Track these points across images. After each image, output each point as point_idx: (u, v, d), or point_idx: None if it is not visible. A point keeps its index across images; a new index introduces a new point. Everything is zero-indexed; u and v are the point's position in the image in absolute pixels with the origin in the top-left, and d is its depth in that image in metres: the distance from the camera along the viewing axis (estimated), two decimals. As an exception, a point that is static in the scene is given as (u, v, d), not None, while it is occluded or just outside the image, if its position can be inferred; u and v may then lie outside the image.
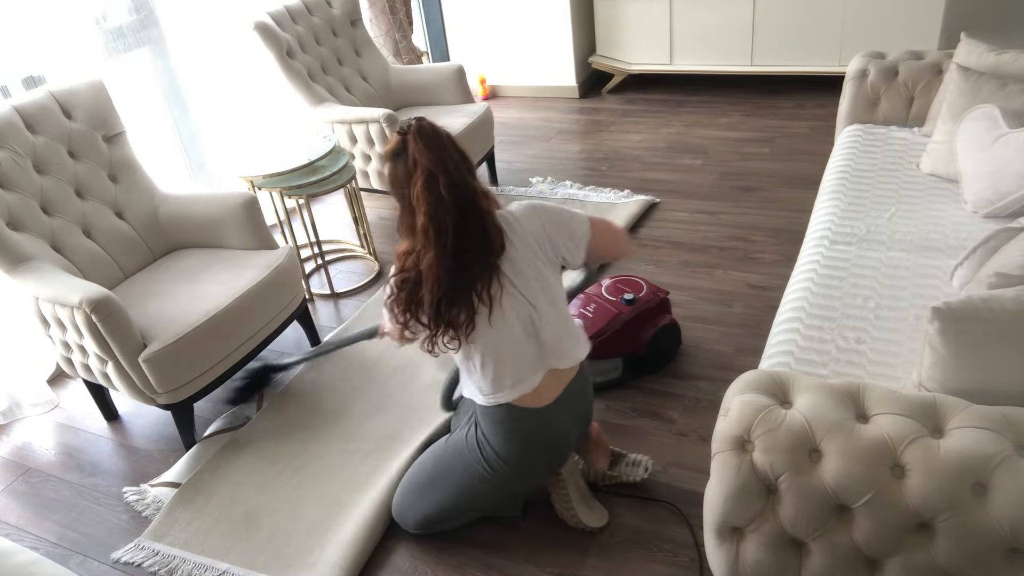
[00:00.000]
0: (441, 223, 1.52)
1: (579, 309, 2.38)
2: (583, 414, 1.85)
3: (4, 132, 2.34)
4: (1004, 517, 1.15)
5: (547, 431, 1.74)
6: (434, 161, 1.51)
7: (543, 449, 1.77)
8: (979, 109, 2.25)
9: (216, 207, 2.62)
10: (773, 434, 1.29)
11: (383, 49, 4.42)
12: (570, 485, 1.90)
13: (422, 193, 1.51)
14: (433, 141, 1.53)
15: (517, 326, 1.65)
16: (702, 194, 3.50)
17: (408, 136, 1.54)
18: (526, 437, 1.73)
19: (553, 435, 1.76)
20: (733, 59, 4.42)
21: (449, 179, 1.51)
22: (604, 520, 1.90)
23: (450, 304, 1.56)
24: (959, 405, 1.26)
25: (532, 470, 1.80)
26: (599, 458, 1.98)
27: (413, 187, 1.53)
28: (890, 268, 2.02)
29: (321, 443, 2.31)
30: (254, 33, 3.27)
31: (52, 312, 2.20)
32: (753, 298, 2.72)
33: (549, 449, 1.78)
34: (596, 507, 1.92)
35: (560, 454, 1.82)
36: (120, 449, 2.46)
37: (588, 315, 2.33)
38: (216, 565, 1.96)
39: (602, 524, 1.89)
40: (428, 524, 1.91)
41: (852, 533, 1.28)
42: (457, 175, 1.53)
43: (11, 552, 1.40)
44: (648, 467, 1.99)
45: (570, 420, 1.79)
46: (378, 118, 3.15)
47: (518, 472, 1.78)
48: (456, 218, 1.52)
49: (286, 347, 2.83)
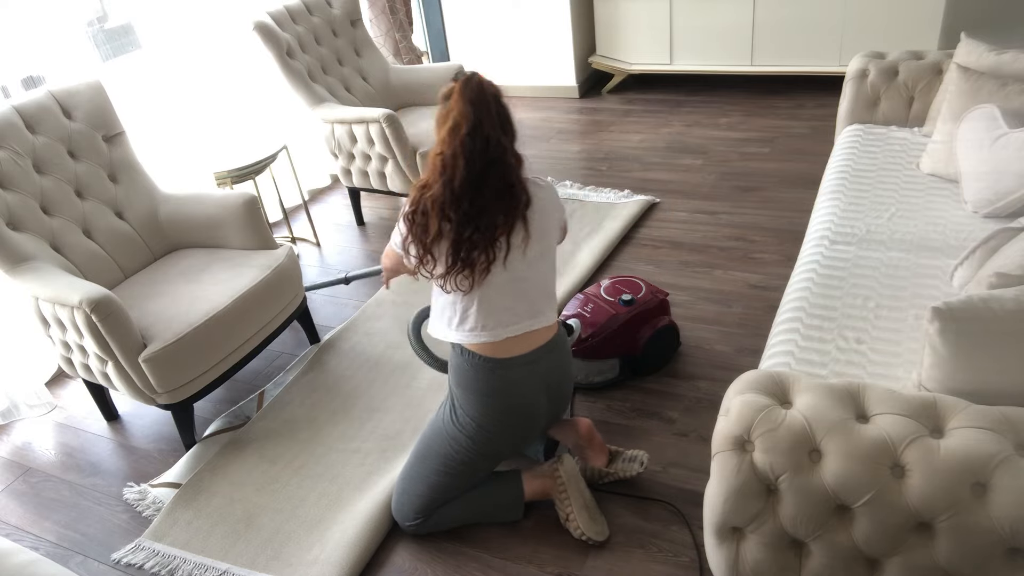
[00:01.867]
0: (452, 163, 1.64)
1: (577, 309, 2.38)
2: (556, 385, 1.88)
3: (4, 132, 2.34)
4: (1004, 517, 1.15)
5: (511, 389, 1.80)
6: (466, 113, 1.63)
7: (507, 406, 1.81)
8: (979, 109, 2.25)
9: (216, 207, 2.62)
10: (773, 434, 1.29)
11: (383, 49, 4.42)
12: (571, 489, 1.91)
13: (446, 136, 1.65)
14: (476, 95, 1.64)
15: (513, 281, 1.74)
16: (702, 194, 3.50)
17: (456, 84, 1.67)
18: (491, 390, 1.79)
19: (518, 394, 1.81)
20: (733, 59, 4.41)
21: (475, 130, 1.62)
22: (605, 535, 1.90)
23: (471, 248, 1.66)
24: (959, 405, 1.26)
25: (503, 430, 1.84)
26: (595, 455, 1.99)
27: (442, 128, 1.67)
28: (890, 268, 2.02)
29: (321, 443, 2.32)
30: (254, 33, 3.26)
31: (52, 312, 2.20)
32: (753, 298, 2.72)
33: (514, 408, 1.82)
34: (599, 519, 1.93)
35: (529, 419, 1.86)
36: (120, 449, 2.46)
37: (586, 315, 2.33)
38: (216, 565, 1.96)
39: (602, 539, 1.90)
40: (425, 509, 1.92)
41: (852, 533, 1.28)
42: (488, 129, 1.64)
43: (11, 552, 1.40)
44: (644, 461, 2.00)
45: (539, 386, 1.84)
46: (378, 118, 3.14)
47: (489, 432, 1.83)
48: (475, 167, 1.63)
49: (285, 347, 2.84)
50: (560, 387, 1.90)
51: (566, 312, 2.40)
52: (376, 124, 3.17)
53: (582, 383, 2.38)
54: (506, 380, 1.79)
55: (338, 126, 3.34)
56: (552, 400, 1.89)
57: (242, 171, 3.13)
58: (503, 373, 1.78)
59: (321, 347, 2.76)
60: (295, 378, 2.62)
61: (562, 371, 1.89)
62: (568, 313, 2.39)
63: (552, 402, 1.90)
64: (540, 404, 1.86)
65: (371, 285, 3.15)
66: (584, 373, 2.35)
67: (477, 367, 1.78)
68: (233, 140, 3.44)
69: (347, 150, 3.39)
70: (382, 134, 3.18)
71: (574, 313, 2.37)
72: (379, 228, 3.65)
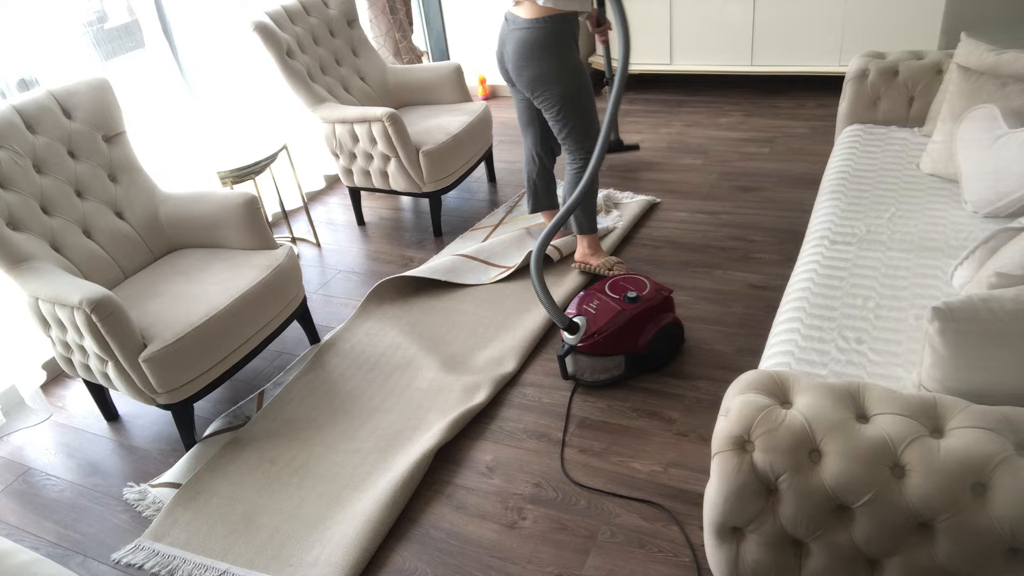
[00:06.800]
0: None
1: (582, 306, 2.39)
2: (501, 52, 2.68)
3: (4, 132, 2.34)
4: (1004, 517, 1.15)
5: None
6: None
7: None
8: (979, 109, 2.25)
9: (216, 207, 2.63)
10: (773, 434, 1.29)
11: (383, 49, 4.42)
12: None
13: None
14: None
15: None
16: (702, 194, 3.50)
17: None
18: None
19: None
20: (733, 59, 4.42)
21: None
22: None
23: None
24: (959, 405, 1.26)
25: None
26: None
27: None
28: (890, 268, 2.02)
29: (321, 443, 2.32)
30: (254, 34, 3.26)
31: (52, 312, 2.20)
32: (753, 298, 2.72)
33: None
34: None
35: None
36: (120, 449, 2.46)
37: (591, 312, 2.34)
38: (216, 565, 1.96)
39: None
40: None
41: (852, 533, 1.28)
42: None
43: (11, 552, 1.40)
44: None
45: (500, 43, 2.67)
46: (380, 117, 3.15)
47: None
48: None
49: (285, 347, 2.84)
50: (504, 55, 2.65)
51: (571, 310, 2.41)
52: (379, 123, 3.17)
53: (588, 381, 2.38)
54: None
55: (339, 126, 3.34)
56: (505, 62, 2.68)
57: (242, 171, 3.13)
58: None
59: (321, 347, 2.76)
60: (295, 378, 2.62)
61: (511, 43, 2.57)
62: (573, 311, 2.40)
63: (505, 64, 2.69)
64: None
65: (369, 285, 3.16)
66: (590, 371, 2.36)
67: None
68: (233, 140, 3.44)
69: (348, 150, 3.39)
70: (384, 133, 3.19)
71: (577, 310, 2.38)
72: (379, 228, 3.66)
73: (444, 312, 2.88)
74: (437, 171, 3.32)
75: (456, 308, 2.89)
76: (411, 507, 2.07)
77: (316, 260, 3.44)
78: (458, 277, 3.03)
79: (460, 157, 3.45)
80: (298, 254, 3.50)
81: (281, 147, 3.30)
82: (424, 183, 3.32)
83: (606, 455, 2.15)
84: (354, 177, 3.49)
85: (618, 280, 2.45)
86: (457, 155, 3.41)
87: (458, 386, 2.44)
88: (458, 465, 2.19)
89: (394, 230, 3.62)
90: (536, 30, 2.47)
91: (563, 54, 2.51)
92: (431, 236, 3.51)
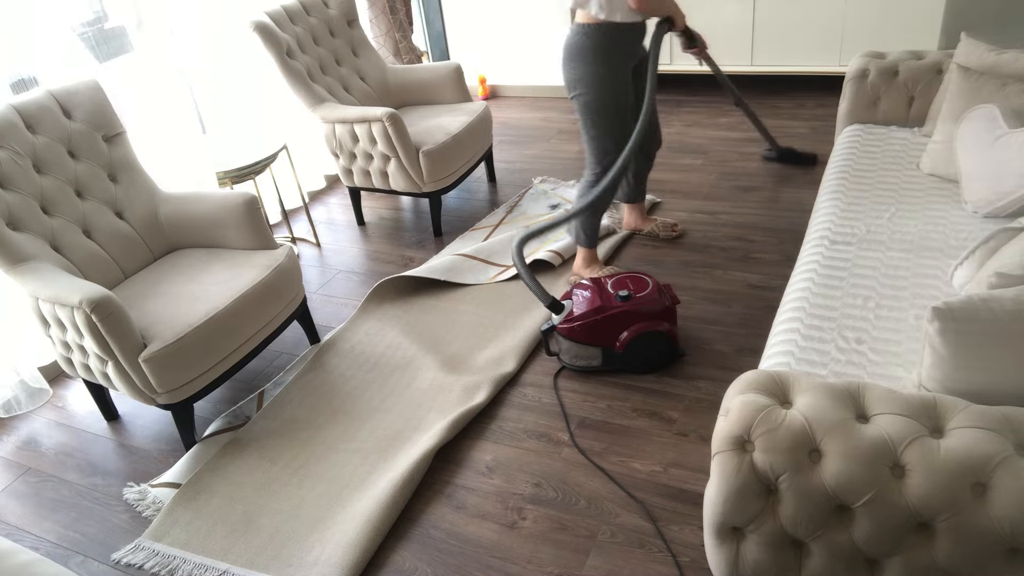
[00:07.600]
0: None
1: (576, 290, 2.48)
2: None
3: (4, 132, 2.34)
4: (1004, 517, 1.15)
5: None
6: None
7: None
8: (979, 109, 2.25)
9: (216, 207, 2.63)
10: (773, 434, 1.29)
11: (383, 49, 4.42)
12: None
13: None
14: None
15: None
16: (702, 194, 3.50)
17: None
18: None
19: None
20: (733, 59, 4.41)
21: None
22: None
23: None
24: (959, 405, 1.26)
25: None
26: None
27: None
28: (890, 268, 2.02)
29: (321, 443, 2.32)
30: (254, 34, 3.26)
31: (52, 312, 2.20)
32: (753, 298, 2.72)
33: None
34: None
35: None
36: (120, 449, 2.46)
37: (581, 298, 2.41)
38: (216, 565, 1.96)
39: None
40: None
41: (852, 533, 1.28)
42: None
43: (11, 552, 1.40)
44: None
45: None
46: (380, 117, 3.14)
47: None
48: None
49: (285, 347, 2.84)
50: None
51: (569, 290, 2.52)
52: (379, 123, 3.17)
53: (567, 364, 2.46)
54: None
55: (339, 126, 3.34)
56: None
57: (242, 171, 3.13)
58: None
59: (321, 347, 2.76)
60: (295, 378, 2.62)
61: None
62: (567, 292, 2.52)
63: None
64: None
65: (370, 285, 3.16)
66: (568, 354, 2.44)
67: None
68: (233, 140, 3.44)
69: (348, 150, 3.39)
70: (384, 133, 3.19)
71: (571, 294, 2.48)
72: (379, 228, 3.66)
73: (444, 312, 2.88)
74: (437, 171, 3.32)
75: (456, 308, 2.89)
76: (411, 507, 2.07)
77: (316, 260, 3.44)
78: (458, 276, 3.03)
79: (460, 157, 3.45)
80: (298, 254, 3.50)
81: (281, 147, 3.30)
82: (424, 183, 3.32)
83: (606, 455, 2.15)
84: (354, 177, 3.49)
85: (624, 277, 2.46)
86: (457, 155, 3.41)
87: (458, 386, 2.44)
88: (458, 465, 2.19)
89: (394, 230, 3.63)
90: (582, 35, 2.48)
91: (602, 65, 2.48)
92: (431, 236, 3.51)
